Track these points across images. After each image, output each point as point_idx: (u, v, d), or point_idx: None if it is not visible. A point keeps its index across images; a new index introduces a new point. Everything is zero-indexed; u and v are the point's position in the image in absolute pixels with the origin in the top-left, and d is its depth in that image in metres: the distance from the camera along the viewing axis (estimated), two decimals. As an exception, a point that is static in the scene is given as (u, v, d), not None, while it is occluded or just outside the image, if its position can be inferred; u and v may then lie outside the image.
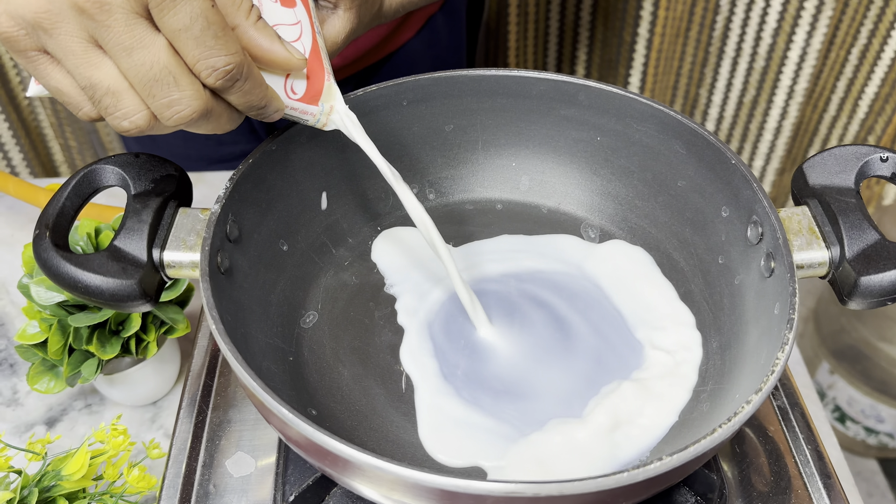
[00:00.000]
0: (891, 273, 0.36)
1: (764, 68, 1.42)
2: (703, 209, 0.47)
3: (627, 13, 1.34)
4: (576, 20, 1.38)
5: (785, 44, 1.38)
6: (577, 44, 1.41)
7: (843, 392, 1.46)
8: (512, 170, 0.55)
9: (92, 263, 0.36)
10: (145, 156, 0.41)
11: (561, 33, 1.39)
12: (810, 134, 1.54)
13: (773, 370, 0.33)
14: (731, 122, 1.53)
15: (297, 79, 0.40)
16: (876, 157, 0.41)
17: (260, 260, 0.45)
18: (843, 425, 1.49)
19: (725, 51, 1.42)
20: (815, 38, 1.36)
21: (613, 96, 0.48)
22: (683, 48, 1.40)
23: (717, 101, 1.51)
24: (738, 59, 1.43)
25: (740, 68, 1.44)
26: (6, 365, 0.68)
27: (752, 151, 1.57)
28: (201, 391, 0.46)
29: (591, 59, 1.44)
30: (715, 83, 1.47)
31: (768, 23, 1.36)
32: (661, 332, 0.46)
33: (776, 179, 1.60)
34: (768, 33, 1.37)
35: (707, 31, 1.39)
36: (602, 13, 1.36)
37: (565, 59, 1.44)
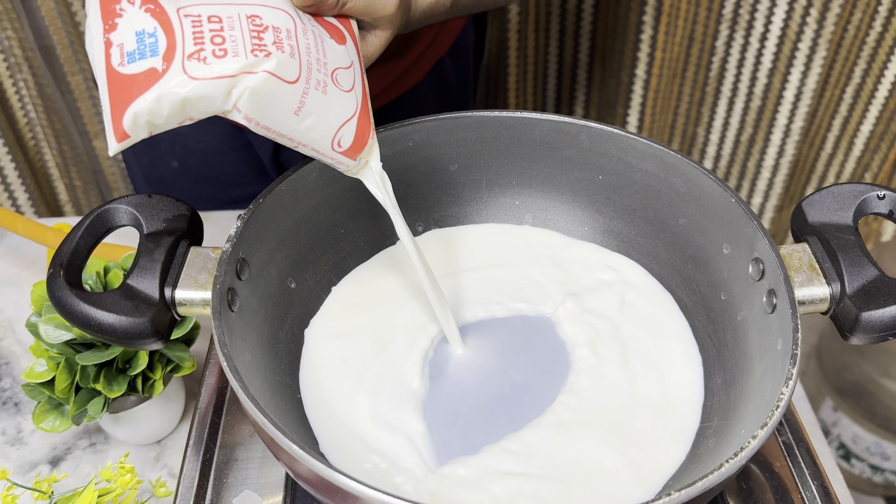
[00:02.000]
0: (891, 308, 0.37)
1: (760, 107, 1.45)
2: (704, 246, 0.48)
3: (625, 55, 1.37)
4: (574, 61, 1.41)
5: (780, 83, 1.40)
6: (576, 84, 1.44)
7: (848, 429, 1.46)
8: (515, 208, 0.56)
9: (105, 302, 0.37)
10: (158, 196, 0.42)
11: (559, 74, 1.42)
12: (807, 171, 1.56)
13: (777, 405, 0.34)
14: (729, 160, 1.55)
15: (347, 133, 0.41)
16: (873, 194, 0.42)
17: (269, 297, 0.46)
18: (849, 463, 1.48)
19: (722, 90, 1.44)
20: (809, 79, 1.38)
21: (614, 136, 0.50)
22: (680, 88, 1.43)
23: (715, 139, 1.52)
24: (735, 98, 1.45)
25: (737, 107, 1.46)
26: (11, 404, 0.68)
27: (751, 189, 1.59)
28: (209, 429, 0.46)
29: (589, 99, 1.47)
30: (712, 122, 1.50)
31: (763, 63, 1.38)
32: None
33: (775, 216, 1.61)
34: (763, 73, 1.40)
35: (703, 71, 1.41)
36: (599, 55, 1.38)
37: (564, 99, 1.46)
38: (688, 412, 0.45)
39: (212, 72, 0.37)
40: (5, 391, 0.69)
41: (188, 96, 0.36)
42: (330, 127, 0.41)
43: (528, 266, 0.54)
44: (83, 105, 1.30)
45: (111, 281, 0.55)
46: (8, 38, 1.18)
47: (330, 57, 0.41)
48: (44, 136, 1.30)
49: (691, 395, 0.46)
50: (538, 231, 0.56)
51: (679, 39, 1.34)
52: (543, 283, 0.53)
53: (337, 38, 0.42)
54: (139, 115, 0.36)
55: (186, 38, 0.37)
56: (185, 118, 0.38)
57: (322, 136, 0.41)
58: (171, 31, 0.37)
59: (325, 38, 0.42)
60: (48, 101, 1.26)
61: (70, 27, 1.20)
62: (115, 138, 0.37)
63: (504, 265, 0.54)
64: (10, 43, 1.18)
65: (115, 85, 0.37)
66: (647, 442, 0.43)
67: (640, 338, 0.49)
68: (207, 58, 0.37)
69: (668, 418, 0.45)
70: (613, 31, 1.34)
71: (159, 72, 0.36)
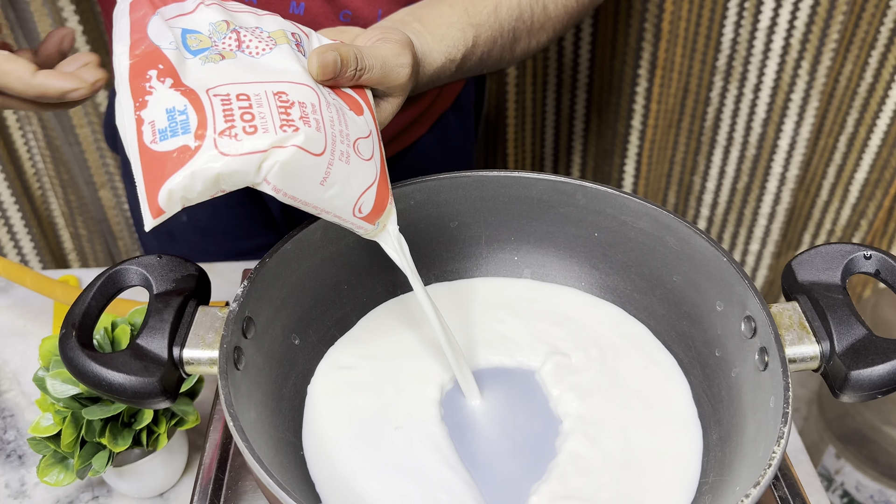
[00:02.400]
0: (879, 367, 0.38)
1: (755, 156, 1.47)
2: (698, 303, 0.49)
3: (620, 107, 1.39)
4: (571, 113, 1.43)
5: (775, 133, 1.42)
6: (573, 136, 1.46)
7: (851, 477, 1.44)
8: (514, 263, 0.57)
9: (116, 362, 0.38)
10: (167, 257, 0.44)
11: (557, 126, 1.44)
12: (804, 218, 1.57)
13: (769, 464, 0.34)
14: (726, 207, 1.57)
15: (367, 199, 0.43)
16: (860, 254, 0.43)
17: (273, 355, 0.47)
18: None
19: (717, 140, 1.47)
20: (803, 128, 1.41)
21: (609, 196, 0.51)
22: (676, 138, 1.45)
23: (711, 187, 1.54)
24: (730, 147, 1.47)
25: (732, 156, 1.48)
26: (15, 456, 0.68)
27: (748, 236, 1.60)
28: (213, 485, 0.47)
29: (586, 150, 1.49)
30: (708, 171, 1.52)
31: (758, 113, 1.41)
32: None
33: (772, 263, 1.62)
34: (758, 123, 1.42)
35: (699, 121, 1.44)
36: (596, 107, 1.41)
37: (562, 150, 1.49)
38: (689, 467, 0.46)
39: (243, 148, 0.38)
40: (9, 444, 0.70)
41: (221, 172, 0.38)
42: (352, 195, 0.43)
43: (525, 319, 0.56)
44: (90, 157, 1.32)
45: (118, 336, 0.56)
46: None
47: (351, 128, 0.43)
48: (51, 186, 1.31)
49: (692, 450, 0.46)
50: (537, 284, 0.58)
51: (674, 91, 1.37)
52: (539, 336, 0.54)
53: (355, 109, 0.44)
54: (174, 191, 0.38)
55: (217, 115, 0.38)
56: (217, 191, 0.39)
57: (345, 203, 0.42)
58: (201, 108, 0.38)
59: (345, 110, 0.43)
60: (56, 152, 1.27)
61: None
62: (150, 215, 0.38)
63: (501, 320, 0.56)
64: None
65: (149, 162, 0.38)
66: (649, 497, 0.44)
67: (639, 392, 0.50)
68: (238, 134, 0.38)
69: (669, 471, 0.45)
70: (609, 83, 1.37)
71: (192, 149, 0.38)
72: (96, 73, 0.45)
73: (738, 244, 1.62)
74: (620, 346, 0.53)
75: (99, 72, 0.46)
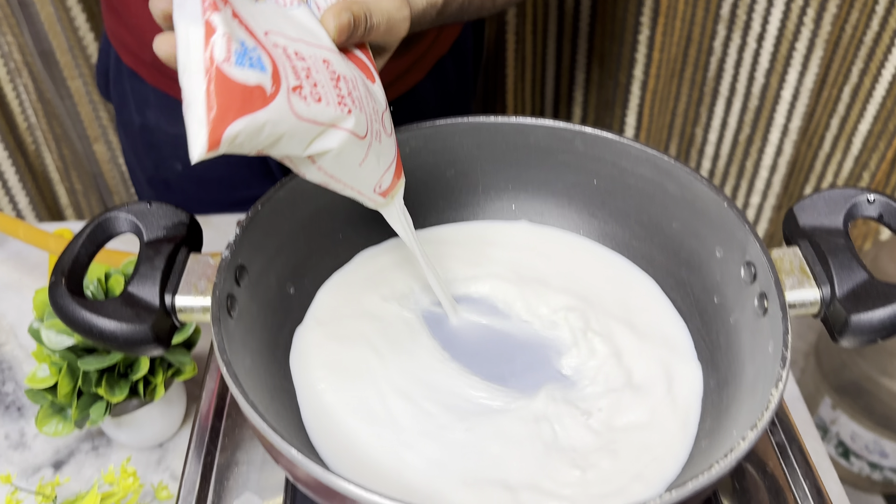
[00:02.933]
0: (879, 311, 0.38)
1: (758, 107, 1.45)
2: (697, 250, 0.48)
3: (622, 56, 1.38)
4: (572, 63, 1.41)
5: (778, 83, 1.41)
6: (574, 85, 1.45)
7: (846, 427, 1.47)
8: (511, 212, 0.57)
9: (107, 309, 0.38)
10: (157, 204, 0.43)
11: (558, 75, 1.43)
12: (806, 170, 1.56)
13: (768, 406, 0.34)
14: (727, 159, 1.56)
15: (388, 176, 0.42)
16: (863, 198, 0.42)
17: (268, 303, 0.46)
18: (847, 461, 1.49)
19: (720, 90, 1.45)
20: (807, 78, 1.39)
21: (608, 142, 0.50)
22: (678, 88, 1.43)
23: (713, 139, 1.53)
24: (733, 98, 1.46)
25: (735, 107, 1.47)
26: (14, 408, 0.69)
27: (749, 188, 1.59)
28: (209, 433, 0.47)
29: (587, 100, 1.47)
30: (710, 122, 1.50)
31: (761, 63, 1.39)
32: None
33: (773, 216, 1.62)
34: (761, 73, 1.40)
35: (701, 71, 1.42)
36: (597, 56, 1.39)
37: (562, 100, 1.47)
38: (691, 409, 0.46)
39: (309, 113, 0.34)
40: (8, 395, 0.70)
41: (286, 132, 0.33)
42: (379, 172, 0.41)
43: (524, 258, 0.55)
44: (83, 110, 1.31)
45: (112, 287, 0.56)
46: (8, 44, 1.19)
47: (376, 102, 0.41)
48: (44, 141, 1.31)
49: (692, 391, 0.46)
50: (535, 227, 0.57)
51: (677, 40, 1.35)
52: (542, 280, 0.54)
53: (369, 76, 0.41)
54: (241, 133, 0.31)
55: (285, 67, 0.33)
56: (263, 150, 0.34)
57: (371, 180, 0.41)
58: (266, 51, 0.33)
59: (364, 81, 0.40)
60: (48, 105, 1.27)
61: (69, 32, 1.21)
62: (206, 145, 0.31)
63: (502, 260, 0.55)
64: (9, 48, 1.19)
65: (222, 84, 0.31)
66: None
67: (637, 328, 0.50)
68: (307, 97, 0.34)
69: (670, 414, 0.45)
70: (611, 32, 1.35)
71: (267, 94, 0.32)
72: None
73: (739, 196, 1.62)
74: (615, 287, 0.53)
75: None
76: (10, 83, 1.23)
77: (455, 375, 0.47)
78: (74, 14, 1.20)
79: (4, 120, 1.24)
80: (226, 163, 0.84)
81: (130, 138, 0.88)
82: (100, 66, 0.89)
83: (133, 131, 0.86)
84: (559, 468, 0.42)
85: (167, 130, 0.83)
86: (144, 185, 0.90)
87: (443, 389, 0.46)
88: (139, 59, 0.79)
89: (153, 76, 0.80)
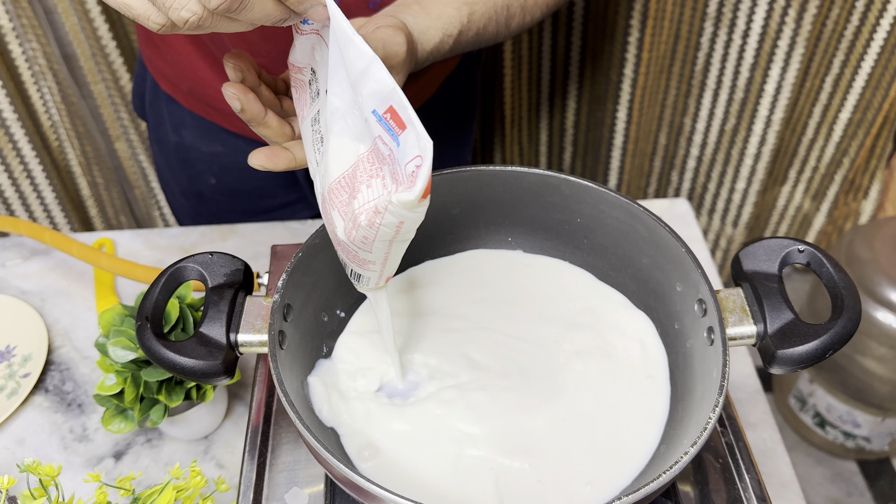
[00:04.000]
0: (800, 349, 0.47)
1: (743, 99, 1.52)
2: (662, 282, 0.58)
3: (613, 55, 1.43)
4: (566, 59, 1.46)
5: (762, 77, 1.47)
6: (568, 81, 1.50)
7: (823, 400, 1.53)
8: (508, 244, 0.66)
9: (185, 349, 0.47)
10: (217, 255, 0.52)
11: (553, 72, 1.48)
12: (790, 155, 1.64)
13: (705, 427, 0.44)
14: (714, 147, 1.63)
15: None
16: (794, 248, 0.52)
17: (307, 331, 0.56)
18: (823, 430, 1.56)
19: (707, 83, 1.51)
20: (789, 73, 1.45)
21: (588, 189, 0.59)
22: (667, 82, 1.49)
23: (701, 128, 1.60)
24: (719, 90, 1.52)
25: (721, 99, 1.53)
26: (75, 405, 0.78)
27: (735, 175, 1.66)
28: (260, 437, 0.57)
29: (581, 94, 1.53)
30: (698, 112, 1.57)
31: (746, 58, 1.45)
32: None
33: (758, 200, 1.69)
34: (746, 68, 1.46)
35: (689, 65, 1.48)
36: (590, 54, 1.44)
37: (557, 96, 1.53)
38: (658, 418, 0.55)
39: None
40: (69, 394, 0.79)
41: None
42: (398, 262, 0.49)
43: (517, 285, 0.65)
44: (105, 111, 1.36)
45: (169, 310, 0.65)
46: (33, 49, 1.23)
47: None
48: (67, 138, 1.35)
49: (662, 404, 0.56)
50: (529, 257, 0.66)
51: (665, 38, 1.40)
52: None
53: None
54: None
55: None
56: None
57: (393, 266, 0.48)
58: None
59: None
60: (71, 106, 1.31)
61: (92, 41, 1.25)
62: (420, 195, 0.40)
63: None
64: (34, 53, 1.23)
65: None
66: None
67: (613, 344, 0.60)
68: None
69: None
70: (602, 32, 1.40)
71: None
72: None
73: (725, 182, 1.69)
74: (598, 307, 0.62)
75: None
76: (34, 85, 1.28)
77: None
78: (97, 24, 1.24)
79: (30, 120, 1.29)
80: (255, 176, 0.92)
81: (165, 154, 0.93)
82: (136, 89, 0.95)
83: (168, 149, 0.92)
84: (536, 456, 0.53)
85: (202, 149, 0.89)
86: (179, 196, 0.96)
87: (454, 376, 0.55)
88: (177, 87, 0.85)
89: (189, 102, 0.86)
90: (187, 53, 0.80)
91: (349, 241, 0.44)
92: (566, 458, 0.52)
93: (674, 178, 1.72)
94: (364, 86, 0.41)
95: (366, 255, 0.45)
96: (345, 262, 0.49)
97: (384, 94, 0.40)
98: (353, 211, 0.43)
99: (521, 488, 0.51)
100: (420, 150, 0.39)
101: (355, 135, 0.44)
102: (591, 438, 0.53)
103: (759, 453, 0.71)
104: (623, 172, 1.65)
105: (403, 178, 0.40)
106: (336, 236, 0.46)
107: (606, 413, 0.55)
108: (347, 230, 0.44)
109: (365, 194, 0.42)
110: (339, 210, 0.44)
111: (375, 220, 0.42)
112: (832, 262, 0.50)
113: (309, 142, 0.48)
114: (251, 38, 0.72)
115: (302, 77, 0.49)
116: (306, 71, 0.48)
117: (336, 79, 0.44)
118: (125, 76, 1.30)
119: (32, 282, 0.88)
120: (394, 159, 0.41)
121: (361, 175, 0.43)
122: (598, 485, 0.50)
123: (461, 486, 0.51)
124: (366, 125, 0.42)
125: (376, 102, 0.41)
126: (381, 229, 0.42)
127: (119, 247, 0.92)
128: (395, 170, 0.41)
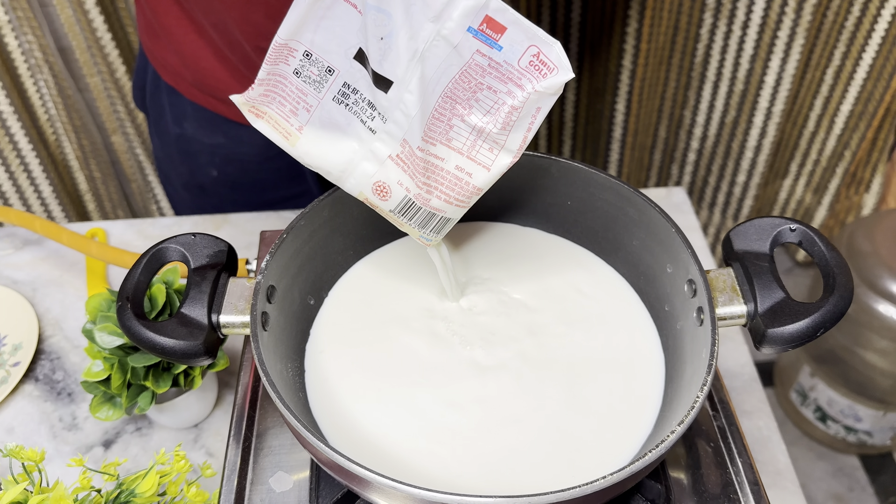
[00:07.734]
0: (790, 327, 0.47)
1: (743, 91, 1.51)
2: (652, 265, 0.57)
3: (612, 46, 1.42)
4: (564, 50, 1.46)
5: (762, 69, 1.46)
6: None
7: (824, 394, 1.53)
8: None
9: (166, 329, 0.47)
10: (200, 236, 0.52)
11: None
12: (791, 148, 1.63)
13: (693, 406, 0.43)
14: (715, 140, 1.62)
15: None
16: (786, 227, 0.51)
17: (293, 314, 0.55)
18: (825, 424, 1.56)
19: (707, 75, 1.50)
20: (789, 65, 1.44)
21: (578, 170, 0.59)
22: (667, 74, 1.48)
23: (701, 121, 1.59)
24: (719, 82, 1.51)
25: (721, 91, 1.52)
26: (65, 394, 0.78)
27: (735, 168, 1.66)
28: (246, 421, 0.56)
29: (580, 87, 1.52)
30: (698, 105, 1.56)
31: (746, 50, 1.44)
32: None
33: (759, 192, 1.68)
34: (746, 59, 1.45)
35: (689, 57, 1.47)
36: (589, 45, 1.44)
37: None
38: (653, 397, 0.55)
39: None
40: (59, 383, 0.79)
41: None
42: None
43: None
44: (101, 104, 1.36)
45: (155, 294, 0.65)
46: (29, 42, 1.23)
47: None
48: (64, 132, 1.35)
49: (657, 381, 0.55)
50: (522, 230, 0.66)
51: (664, 29, 1.39)
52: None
53: None
54: None
55: None
56: None
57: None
58: None
59: None
60: (68, 99, 1.31)
61: (88, 33, 1.25)
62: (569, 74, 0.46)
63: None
64: (30, 46, 1.23)
65: None
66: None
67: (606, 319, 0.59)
68: None
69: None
70: (601, 23, 1.39)
71: None
72: None
73: (725, 175, 1.68)
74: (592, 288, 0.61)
75: None
76: (30, 78, 1.28)
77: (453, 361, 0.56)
78: (92, 16, 1.24)
79: (27, 114, 1.30)
80: (257, 168, 0.91)
81: (166, 147, 0.92)
82: (136, 82, 0.94)
83: (169, 141, 0.91)
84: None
85: (203, 140, 0.88)
86: (179, 189, 0.96)
87: (435, 370, 0.55)
88: (179, 76, 0.84)
89: (192, 93, 0.85)
90: (191, 43, 0.79)
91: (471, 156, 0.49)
92: (558, 446, 0.51)
93: (674, 171, 1.71)
94: (454, 10, 0.44)
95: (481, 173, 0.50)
96: (429, 217, 0.52)
97: (479, 7, 0.43)
98: (473, 124, 0.47)
99: (510, 477, 0.50)
100: (529, 39, 0.43)
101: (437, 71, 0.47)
102: (583, 424, 0.53)
103: (755, 441, 0.70)
104: (622, 165, 1.64)
105: (521, 71, 0.44)
106: (450, 165, 0.50)
107: (598, 399, 0.54)
108: (470, 145, 0.48)
109: (479, 108, 0.46)
110: (458, 127, 0.47)
111: (511, 117, 0.46)
112: (824, 240, 0.49)
113: (337, 123, 0.50)
114: (256, 20, 0.71)
115: (286, 66, 0.48)
116: (297, 54, 0.48)
117: (399, 34, 0.46)
118: (121, 69, 1.30)
119: (24, 271, 0.88)
120: (497, 65, 0.44)
121: (462, 94, 0.46)
122: (592, 471, 0.50)
123: (444, 462, 0.50)
124: (454, 52, 0.45)
125: (470, 19, 0.44)
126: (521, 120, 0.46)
127: (112, 236, 0.92)
128: (504, 72, 0.44)
